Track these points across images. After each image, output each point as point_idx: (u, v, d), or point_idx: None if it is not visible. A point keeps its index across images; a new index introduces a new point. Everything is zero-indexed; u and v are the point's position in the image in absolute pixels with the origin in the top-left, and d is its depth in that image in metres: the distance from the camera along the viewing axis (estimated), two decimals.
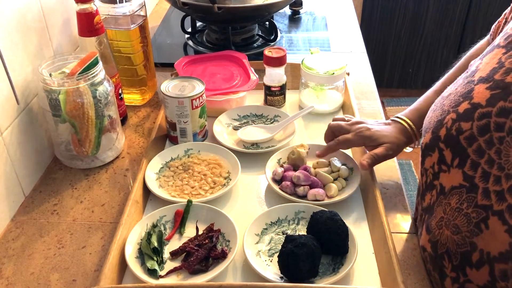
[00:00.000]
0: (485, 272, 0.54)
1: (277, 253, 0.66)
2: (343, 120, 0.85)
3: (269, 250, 0.70)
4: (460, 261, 0.58)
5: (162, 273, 0.66)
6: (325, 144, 0.87)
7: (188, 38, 1.29)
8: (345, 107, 1.01)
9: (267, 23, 1.31)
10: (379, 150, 0.78)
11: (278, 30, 1.30)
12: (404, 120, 0.80)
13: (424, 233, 0.65)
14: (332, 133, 0.84)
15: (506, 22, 0.70)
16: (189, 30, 1.30)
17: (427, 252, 0.65)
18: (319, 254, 0.64)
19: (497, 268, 0.53)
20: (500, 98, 0.54)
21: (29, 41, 0.82)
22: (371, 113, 1.02)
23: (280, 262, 0.64)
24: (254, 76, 0.99)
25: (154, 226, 0.72)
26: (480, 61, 0.62)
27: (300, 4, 1.46)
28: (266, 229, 0.73)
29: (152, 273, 0.66)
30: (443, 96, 0.64)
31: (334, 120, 0.86)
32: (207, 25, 1.28)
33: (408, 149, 0.84)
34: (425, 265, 0.68)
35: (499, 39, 0.61)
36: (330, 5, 1.53)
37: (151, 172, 0.82)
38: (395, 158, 0.89)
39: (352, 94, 1.00)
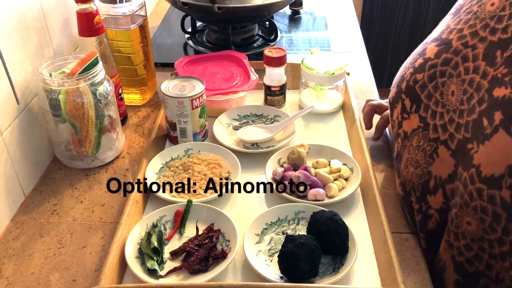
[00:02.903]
0: (440, 195, 0.67)
1: (277, 253, 0.66)
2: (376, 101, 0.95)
3: (269, 250, 0.70)
4: (421, 192, 0.70)
5: (162, 273, 0.66)
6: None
7: (188, 38, 1.30)
8: (345, 107, 1.01)
9: (267, 23, 1.31)
10: None
11: (278, 30, 1.30)
12: None
13: (397, 179, 0.77)
14: (374, 111, 0.94)
15: None
16: (189, 30, 1.30)
17: (400, 195, 0.76)
18: (319, 254, 0.64)
19: (448, 188, 0.65)
20: (443, 52, 0.68)
21: (29, 41, 0.82)
22: None
23: (280, 262, 0.64)
24: (254, 76, 0.99)
25: (154, 226, 0.72)
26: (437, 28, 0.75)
27: (300, 4, 1.46)
28: (266, 229, 0.73)
29: (152, 273, 0.66)
30: (408, 58, 0.76)
31: (369, 101, 0.95)
32: (207, 25, 1.28)
33: None
34: (403, 210, 0.78)
35: (451, 9, 0.73)
36: (330, 5, 1.53)
37: (151, 172, 0.82)
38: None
39: (352, 94, 1.00)
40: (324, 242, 0.66)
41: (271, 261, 0.68)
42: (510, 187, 0.55)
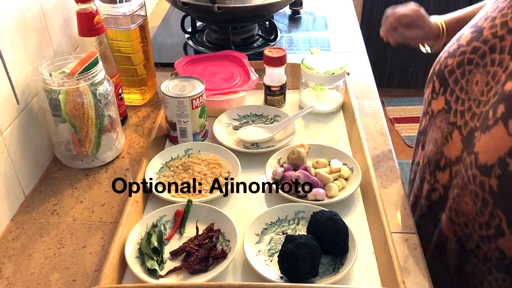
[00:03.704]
0: (447, 174, 0.72)
1: (277, 253, 0.66)
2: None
3: (269, 250, 0.70)
4: (434, 167, 0.76)
5: (162, 273, 0.66)
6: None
7: (188, 38, 1.29)
8: (345, 107, 1.01)
9: (267, 23, 1.31)
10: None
11: (278, 30, 1.30)
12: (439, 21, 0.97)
13: (420, 151, 0.83)
14: (400, 24, 0.95)
15: None
16: (189, 30, 1.30)
17: (419, 165, 0.83)
18: (319, 254, 0.64)
19: (454, 169, 0.71)
20: (475, 39, 0.68)
21: (29, 41, 0.82)
22: (371, 113, 1.02)
23: (280, 262, 0.64)
24: (254, 76, 0.99)
25: (154, 226, 0.72)
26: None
27: (300, 4, 1.46)
28: (266, 229, 0.72)
29: (152, 273, 0.66)
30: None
31: (387, 13, 0.97)
32: (207, 25, 1.28)
33: (427, 49, 0.97)
34: (412, 178, 0.86)
35: None
36: (330, 5, 1.53)
37: (151, 172, 0.82)
38: (395, 158, 0.89)
39: (352, 94, 1.00)
40: (324, 242, 0.66)
41: (271, 261, 0.68)
42: (498, 177, 0.58)
